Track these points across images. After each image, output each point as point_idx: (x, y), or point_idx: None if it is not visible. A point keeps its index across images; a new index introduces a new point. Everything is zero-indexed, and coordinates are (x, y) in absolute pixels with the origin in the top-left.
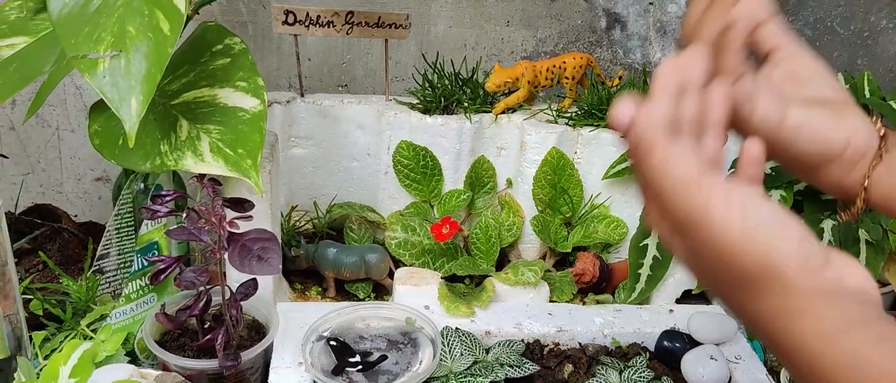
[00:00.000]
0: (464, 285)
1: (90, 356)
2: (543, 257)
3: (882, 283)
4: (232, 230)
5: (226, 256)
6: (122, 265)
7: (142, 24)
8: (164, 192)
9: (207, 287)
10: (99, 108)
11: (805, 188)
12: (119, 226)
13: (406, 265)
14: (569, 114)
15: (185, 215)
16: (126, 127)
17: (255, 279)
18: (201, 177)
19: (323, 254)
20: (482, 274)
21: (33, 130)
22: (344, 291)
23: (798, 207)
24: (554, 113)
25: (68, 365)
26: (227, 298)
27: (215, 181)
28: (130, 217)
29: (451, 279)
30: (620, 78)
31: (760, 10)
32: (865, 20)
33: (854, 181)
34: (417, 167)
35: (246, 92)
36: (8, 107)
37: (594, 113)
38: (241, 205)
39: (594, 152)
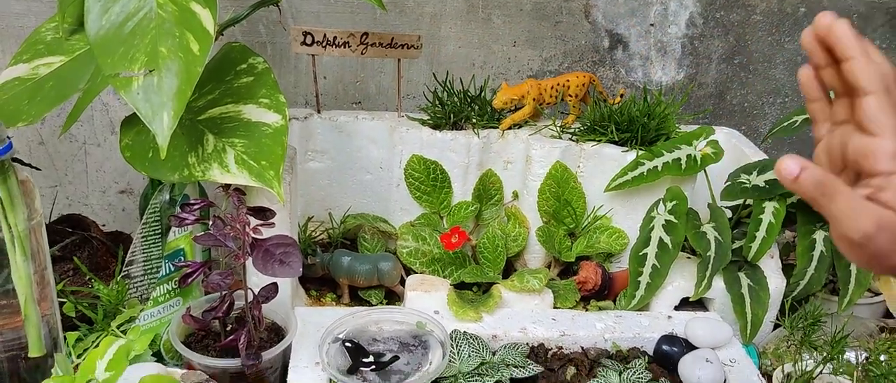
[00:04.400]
0: (472, 292)
1: (125, 351)
2: (548, 266)
3: (873, 293)
4: (255, 236)
5: (249, 261)
6: (149, 271)
7: (173, 44)
8: (192, 202)
9: (231, 290)
10: (130, 123)
11: (798, 200)
12: (146, 234)
13: (417, 272)
14: (572, 130)
15: (211, 222)
16: (158, 140)
17: (275, 283)
18: (226, 187)
19: (338, 262)
20: (489, 281)
21: (61, 144)
22: (357, 298)
23: (791, 219)
24: (558, 128)
25: (104, 359)
26: (249, 301)
27: (239, 191)
28: (157, 225)
29: (459, 286)
30: (622, 95)
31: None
32: None
33: None
34: (428, 180)
35: (268, 108)
36: (37, 123)
37: (596, 128)
38: (263, 213)
39: (596, 166)
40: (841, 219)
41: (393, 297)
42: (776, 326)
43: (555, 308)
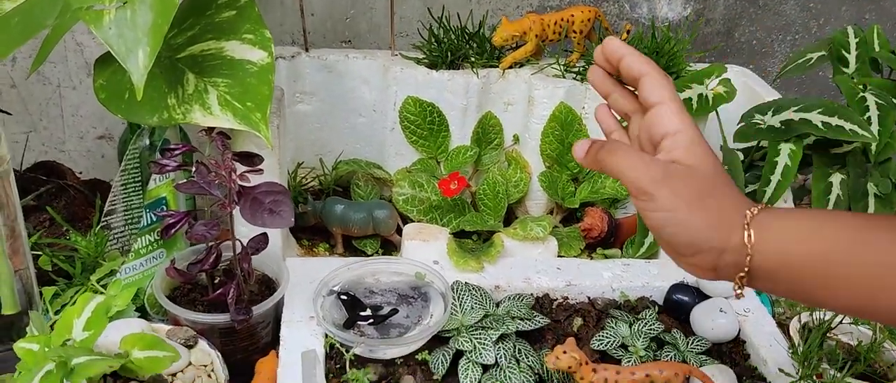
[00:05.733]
0: (471, 241)
1: (104, 309)
2: (550, 213)
3: None
4: (242, 183)
5: (236, 210)
6: (130, 221)
7: None
8: (172, 146)
9: (217, 241)
10: (104, 62)
11: (814, 142)
12: (126, 182)
13: (414, 221)
14: (577, 69)
15: (194, 169)
16: (133, 79)
17: (265, 233)
18: (209, 130)
19: (331, 211)
20: (490, 230)
21: (35, 88)
22: (352, 247)
23: (807, 161)
24: (562, 67)
25: (82, 317)
26: (238, 252)
27: (224, 135)
28: (137, 173)
29: (458, 235)
30: (628, 32)
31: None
32: None
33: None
34: (424, 123)
35: (253, 44)
36: (8, 63)
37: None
38: (251, 158)
39: None
40: (631, 171)
41: (389, 247)
42: None
43: (559, 256)
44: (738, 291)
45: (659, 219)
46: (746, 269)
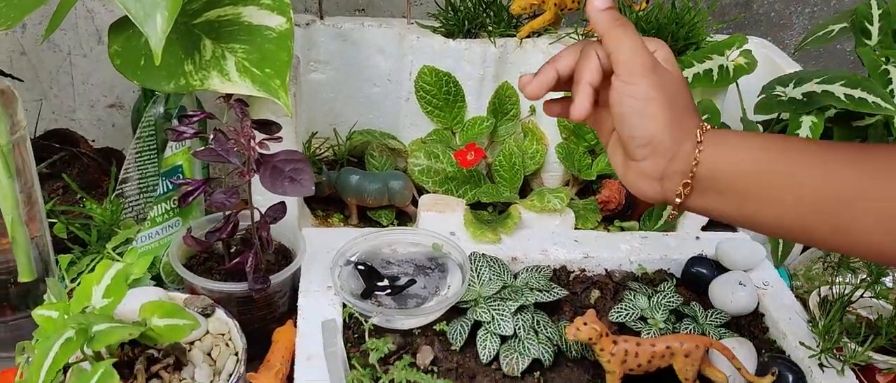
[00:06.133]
0: (487, 213)
1: (123, 276)
2: (566, 185)
3: None
4: (262, 151)
5: (255, 178)
6: (144, 189)
7: None
8: (190, 113)
9: (235, 211)
10: (119, 28)
11: (835, 115)
12: (140, 149)
13: (429, 192)
14: (596, 39)
15: (212, 136)
16: (152, 44)
17: (283, 202)
18: (227, 97)
19: (345, 181)
20: (505, 201)
21: (45, 55)
22: (366, 218)
23: (827, 134)
24: (580, 36)
25: (101, 285)
26: (256, 221)
27: (242, 102)
28: (152, 140)
29: (474, 206)
30: (647, 1)
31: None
32: None
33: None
34: (440, 93)
35: (271, 10)
36: (18, 30)
37: None
38: (269, 126)
39: None
40: (631, 50)
41: (404, 218)
42: (805, 248)
43: (575, 229)
44: (678, 203)
45: (633, 106)
46: (691, 175)
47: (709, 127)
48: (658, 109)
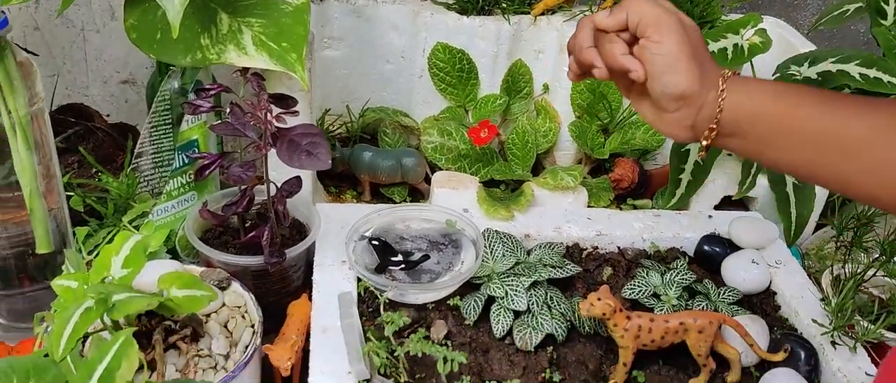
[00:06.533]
0: (499, 190)
1: (142, 247)
2: (579, 163)
3: None
4: (279, 125)
5: (271, 153)
6: (159, 163)
7: None
8: (207, 87)
9: (251, 185)
10: (134, 2)
11: (851, 94)
12: (156, 124)
13: (442, 169)
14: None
15: (229, 110)
16: (170, 16)
17: (299, 177)
18: (244, 71)
19: (359, 158)
20: (518, 179)
21: (58, 30)
22: (379, 195)
23: None
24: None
25: (120, 255)
26: (272, 195)
27: (259, 76)
28: (167, 115)
29: (486, 184)
30: None
31: None
32: None
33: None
34: (453, 70)
35: None
36: (32, 6)
37: None
38: (285, 100)
39: None
40: (656, 7)
41: (416, 195)
42: (817, 227)
43: (588, 207)
44: (705, 145)
45: (662, 64)
46: (716, 121)
47: (729, 73)
48: (687, 64)
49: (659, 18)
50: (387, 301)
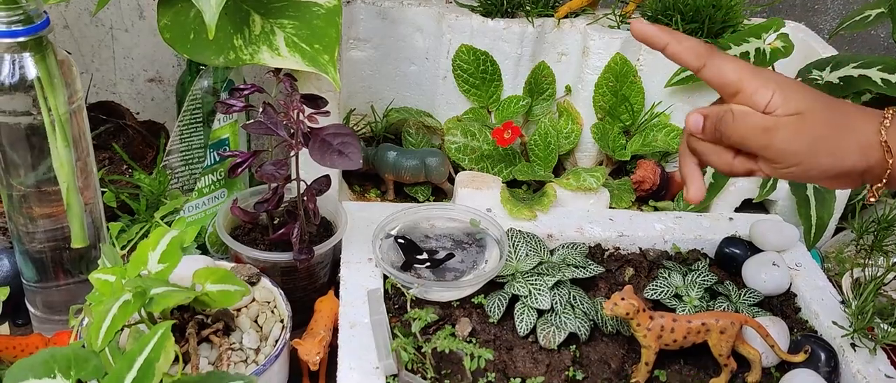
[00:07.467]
0: (522, 190)
1: (178, 242)
2: (600, 165)
3: None
4: (311, 124)
5: (302, 152)
6: (189, 161)
7: None
8: (241, 87)
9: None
10: (167, 2)
11: (871, 99)
12: (187, 122)
13: (465, 169)
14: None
15: (261, 110)
16: (206, 18)
17: (328, 175)
18: (277, 71)
19: (383, 157)
20: (540, 180)
21: (87, 29)
22: (403, 194)
23: None
24: (617, 18)
25: (157, 250)
26: (302, 192)
27: (291, 76)
28: (198, 113)
29: (508, 184)
30: None
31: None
32: None
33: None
34: (477, 72)
35: None
36: (62, 4)
37: (659, 18)
38: (316, 101)
39: (658, 59)
40: (751, 123)
41: (439, 194)
42: (837, 231)
43: (610, 208)
44: (874, 196)
45: (792, 175)
46: (885, 180)
47: (889, 121)
48: (815, 161)
49: (780, 151)
50: (414, 298)
